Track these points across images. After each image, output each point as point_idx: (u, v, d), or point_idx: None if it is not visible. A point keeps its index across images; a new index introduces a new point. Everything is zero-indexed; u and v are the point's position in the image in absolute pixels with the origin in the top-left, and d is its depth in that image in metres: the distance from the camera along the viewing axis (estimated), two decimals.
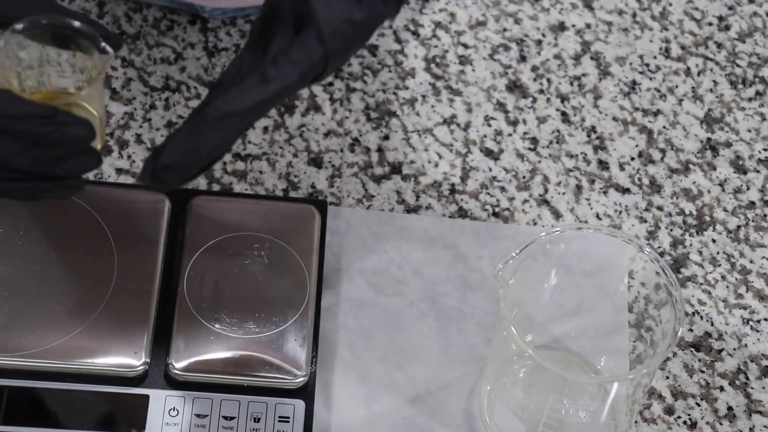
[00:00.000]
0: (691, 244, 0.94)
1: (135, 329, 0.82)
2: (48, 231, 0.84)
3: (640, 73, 1.03)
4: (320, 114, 0.97)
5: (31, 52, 0.72)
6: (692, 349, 0.89)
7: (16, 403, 0.80)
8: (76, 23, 0.72)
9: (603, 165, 0.97)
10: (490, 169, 0.96)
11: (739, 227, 0.95)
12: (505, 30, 1.04)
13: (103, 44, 0.72)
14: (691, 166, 0.98)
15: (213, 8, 0.99)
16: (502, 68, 1.01)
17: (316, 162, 0.95)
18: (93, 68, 0.73)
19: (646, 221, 0.95)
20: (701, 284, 0.92)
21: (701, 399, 0.87)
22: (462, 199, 0.94)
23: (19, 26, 0.71)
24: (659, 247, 0.94)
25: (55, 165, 0.71)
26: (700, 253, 0.94)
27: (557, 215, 0.94)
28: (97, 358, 0.80)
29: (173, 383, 0.81)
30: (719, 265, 0.93)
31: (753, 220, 0.96)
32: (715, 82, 1.03)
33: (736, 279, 0.93)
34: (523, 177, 0.96)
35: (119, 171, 0.93)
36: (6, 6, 0.72)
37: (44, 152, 0.70)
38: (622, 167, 0.97)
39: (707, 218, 0.96)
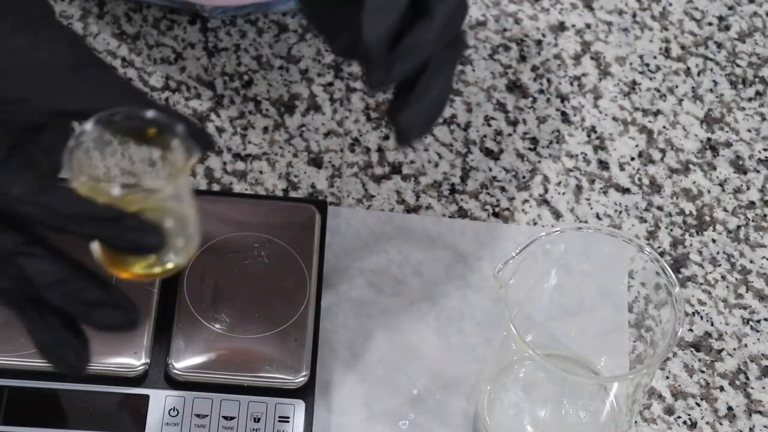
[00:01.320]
0: (691, 244, 0.94)
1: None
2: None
3: (640, 73, 1.03)
4: (320, 114, 0.97)
5: (109, 147, 0.64)
6: (692, 349, 0.89)
7: (16, 403, 0.80)
8: (160, 117, 0.63)
9: (603, 165, 0.97)
10: (490, 169, 0.96)
11: (739, 227, 0.95)
12: (505, 30, 1.04)
13: (188, 142, 0.63)
14: (691, 166, 0.98)
15: (213, 7, 0.99)
16: (502, 68, 1.01)
17: (316, 162, 0.95)
18: (176, 165, 0.64)
19: (646, 221, 0.95)
20: (701, 284, 0.92)
21: (701, 399, 0.87)
22: (462, 199, 0.94)
23: (97, 119, 0.63)
24: (659, 247, 0.94)
25: (85, 311, 0.63)
26: (700, 253, 0.94)
27: (557, 215, 0.94)
28: (97, 358, 0.80)
29: (173, 383, 0.81)
30: (719, 265, 0.93)
31: (753, 220, 0.96)
32: (715, 82, 1.03)
33: (736, 279, 0.93)
34: (523, 177, 0.96)
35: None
36: (94, 95, 0.64)
37: (81, 291, 0.62)
38: (622, 167, 0.97)
39: (707, 218, 0.96)
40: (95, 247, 0.64)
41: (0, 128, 0.63)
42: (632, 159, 0.98)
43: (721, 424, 0.86)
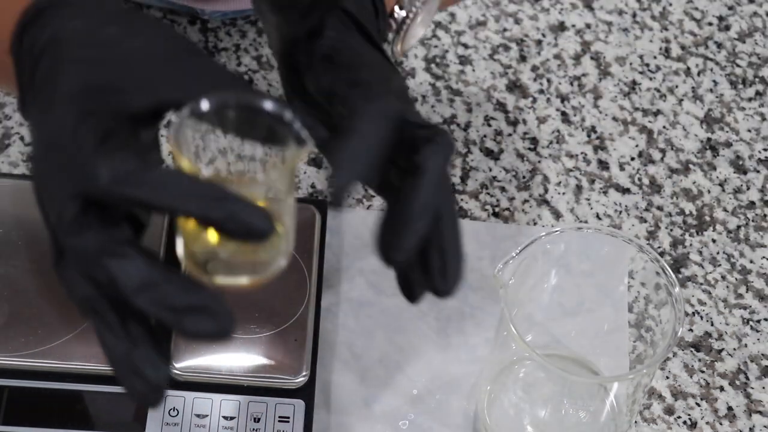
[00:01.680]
0: (691, 244, 0.94)
1: None
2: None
3: (640, 73, 1.03)
4: None
5: (211, 135, 0.60)
6: (692, 349, 0.89)
7: (16, 403, 0.80)
8: (270, 105, 0.59)
9: (603, 165, 0.97)
10: (490, 169, 0.96)
11: (739, 227, 0.95)
12: (505, 30, 1.04)
13: (299, 131, 0.59)
14: (691, 166, 0.98)
15: (212, 11, 0.99)
16: (502, 68, 1.01)
17: (316, 162, 0.95)
18: (283, 159, 0.60)
19: (646, 221, 0.95)
20: (701, 284, 0.92)
21: (701, 399, 0.87)
22: (462, 199, 0.94)
23: (203, 104, 0.59)
24: (659, 247, 0.94)
25: (174, 317, 0.57)
26: (700, 253, 0.94)
27: (557, 215, 0.94)
28: (97, 358, 0.80)
29: (173, 383, 0.81)
30: (719, 265, 0.93)
31: (753, 220, 0.96)
32: (715, 82, 1.03)
33: (736, 279, 0.93)
34: (523, 177, 0.96)
35: None
36: (193, 84, 0.61)
37: (170, 295, 0.57)
38: (622, 167, 0.97)
39: (707, 218, 0.96)
40: (181, 251, 0.60)
41: (98, 116, 0.59)
42: (632, 159, 0.98)
43: (721, 424, 0.86)
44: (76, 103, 0.59)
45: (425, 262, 0.65)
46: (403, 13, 0.73)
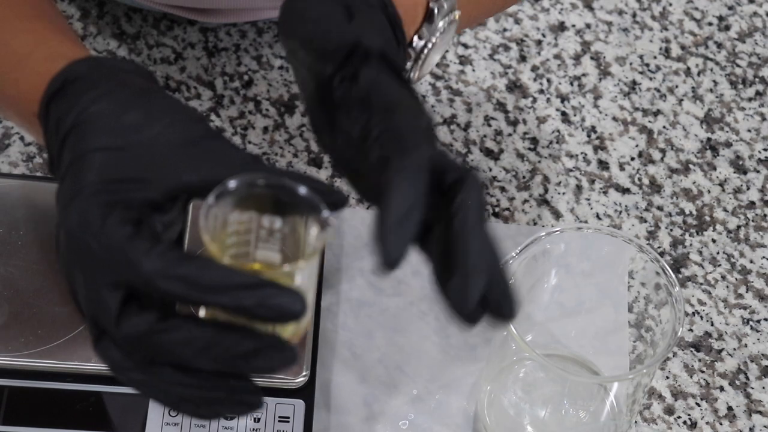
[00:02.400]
0: (691, 244, 0.94)
1: None
2: (48, 231, 0.84)
3: (640, 73, 1.03)
4: None
5: (240, 217, 0.62)
6: (692, 349, 0.89)
7: (16, 403, 0.80)
8: (298, 188, 0.61)
9: (603, 165, 0.97)
10: (490, 169, 0.96)
11: (739, 227, 0.95)
12: (505, 30, 1.04)
13: (325, 215, 0.61)
14: (691, 166, 0.98)
15: (208, 22, 0.99)
16: (502, 68, 1.01)
17: (316, 162, 0.95)
18: (310, 239, 0.61)
19: (646, 221, 0.95)
20: (701, 284, 0.92)
21: (701, 399, 0.87)
22: None
23: (232, 185, 0.61)
24: (659, 247, 0.94)
25: (244, 363, 0.60)
26: (700, 253, 0.94)
27: (557, 215, 0.94)
28: (97, 358, 0.80)
29: None
30: (719, 265, 0.93)
31: (753, 220, 0.96)
32: (715, 82, 1.03)
33: (736, 279, 0.93)
34: (523, 177, 0.96)
35: None
36: (213, 169, 0.63)
37: (231, 348, 0.60)
38: (622, 167, 0.97)
39: (707, 218, 0.96)
40: (203, 314, 0.62)
41: (123, 206, 0.61)
42: (632, 159, 0.98)
43: (721, 424, 0.86)
44: (100, 196, 0.61)
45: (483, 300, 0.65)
46: (422, 43, 0.74)
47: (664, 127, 1.00)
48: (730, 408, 0.87)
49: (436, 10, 0.73)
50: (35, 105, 0.67)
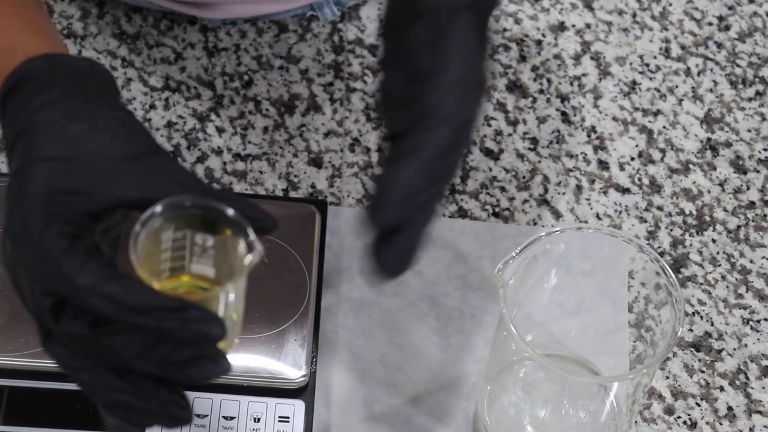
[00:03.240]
0: (691, 244, 0.94)
1: None
2: None
3: (640, 73, 1.03)
4: (320, 114, 0.97)
5: (173, 235, 0.64)
6: (692, 349, 0.89)
7: (16, 403, 0.80)
8: (224, 209, 0.63)
9: (603, 165, 0.97)
10: (490, 169, 0.96)
11: (739, 227, 0.95)
12: (505, 30, 1.04)
13: (251, 238, 0.63)
14: (691, 166, 0.98)
15: (209, 18, 0.99)
16: (502, 68, 1.01)
17: (316, 162, 0.95)
18: (238, 260, 0.63)
19: (646, 221, 0.95)
20: (701, 284, 0.92)
21: (701, 399, 0.87)
22: (462, 199, 0.94)
23: (159, 208, 0.63)
24: (659, 247, 0.94)
25: (179, 371, 0.63)
26: (700, 253, 0.94)
27: (557, 215, 0.94)
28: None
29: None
30: (719, 265, 0.93)
31: (753, 220, 0.96)
32: (715, 82, 1.03)
33: (736, 279, 0.93)
34: (523, 177, 0.96)
35: None
36: (151, 185, 0.65)
37: (169, 353, 0.62)
38: (622, 167, 0.97)
39: (707, 218, 0.96)
40: None
41: (62, 218, 0.63)
42: (632, 159, 0.98)
43: (721, 424, 0.86)
44: (42, 207, 0.63)
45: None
46: None
47: (664, 127, 1.00)
48: (730, 408, 0.87)
49: None
50: None
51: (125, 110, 0.68)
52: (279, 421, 0.81)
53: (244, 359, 0.82)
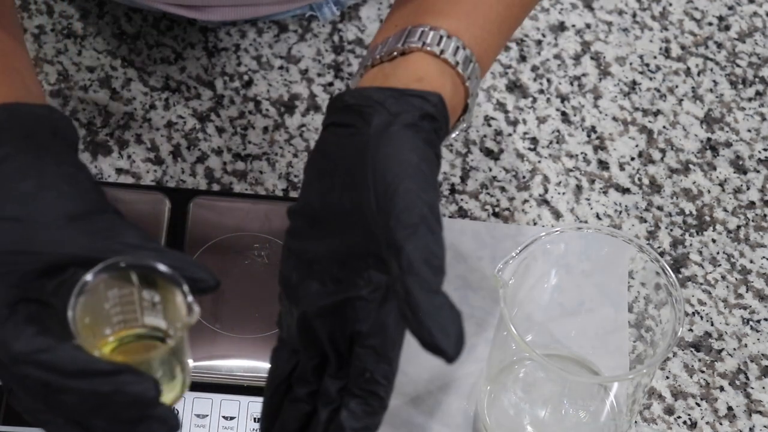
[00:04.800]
0: (691, 244, 0.94)
1: None
2: None
3: (640, 73, 1.03)
4: (320, 114, 0.97)
5: (120, 292, 0.65)
6: (692, 349, 0.89)
7: None
8: (161, 269, 0.64)
9: (603, 165, 0.97)
10: (490, 169, 0.96)
11: (739, 227, 0.95)
12: None
13: (189, 299, 0.64)
14: (691, 166, 0.98)
15: (206, 20, 0.99)
16: (502, 68, 1.01)
17: None
18: (180, 317, 0.64)
19: (646, 221, 0.95)
20: (701, 284, 0.92)
21: (701, 399, 0.87)
22: (462, 199, 0.94)
23: (90, 276, 0.64)
24: (659, 247, 0.94)
25: (131, 429, 0.63)
26: (700, 253, 0.94)
27: (557, 215, 0.94)
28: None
29: None
30: (719, 265, 0.93)
31: (753, 220, 0.96)
32: (715, 82, 1.03)
33: (736, 279, 0.93)
34: (523, 177, 0.96)
35: (119, 171, 0.93)
36: (99, 243, 0.65)
37: (119, 412, 0.63)
38: (622, 167, 0.97)
39: (707, 218, 0.96)
40: None
41: (5, 282, 0.64)
42: (632, 159, 0.98)
43: (721, 424, 0.86)
44: None
45: None
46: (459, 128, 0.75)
47: (664, 127, 1.00)
48: (730, 408, 0.87)
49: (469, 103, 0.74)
50: None
51: (77, 165, 0.68)
52: None
53: (244, 359, 0.82)
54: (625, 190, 0.96)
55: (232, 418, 0.81)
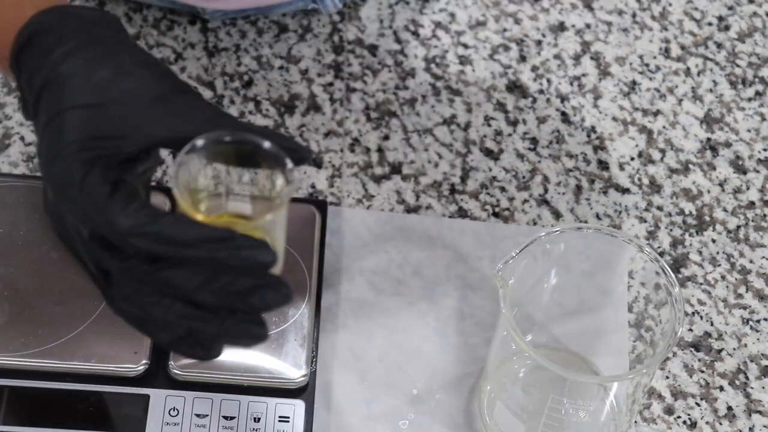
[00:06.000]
0: (691, 244, 0.94)
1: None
2: (48, 231, 0.84)
3: (640, 73, 1.03)
4: (320, 114, 0.97)
5: (211, 172, 0.65)
6: (692, 349, 0.89)
7: (16, 403, 0.80)
8: (262, 142, 0.64)
9: (603, 165, 0.97)
10: (490, 169, 0.96)
11: (739, 227, 0.95)
12: (505, 30, 1.04)
13: (290, 167, 0.64)
14: (691, 166, 0.98)
15: (213, 10, 0.99)
16: (502, 68, 1.02)
17: (316, 162, 0.95)
18: (277, 193, 0.64)
19: (646, 221, 0.95)
20: (701, 284, 0.92)
21: (701, 399, 0.87)
22: (462, 199, 0.94)
23: (200, 143, 0.64)
24: (659, 247, 0.94)
25: (241, 300, 0.63)
26: (700, 253, 0.94)
27: (557, 215, 0.94)
28: (98, 358, 0.80)
29: (173, 383, 0.81)
30: (719, 265, 0.93)
31: (753, 220, 0.96)
32: (715, 82, 1.03)
33: (736, 279, 0.93)
34: (523, 177, 0.96)
35: None
36: (183, 123, 0.66)
37: (228, 284, 0.63)
38: (622, 167, 0.97)
39: (707, 218, 0.96)
40: None
41: (101, 163, 0.64)
42: (632, 159, 0.98)
43: (721, 424, 0.87)
44: (79, 154, 0.64)
45: None
46: None
47: (664, 127, 1.00)
48: (729, 408, 0.87)
49: None
50: (6, 50, 0.69)
51: (146, 53, 0.68)
52: (279, 420, 0.81)
53: (244, 359, 0.82)
54: (625, 190, 0.96)
55: (232, 418, 0.81)
